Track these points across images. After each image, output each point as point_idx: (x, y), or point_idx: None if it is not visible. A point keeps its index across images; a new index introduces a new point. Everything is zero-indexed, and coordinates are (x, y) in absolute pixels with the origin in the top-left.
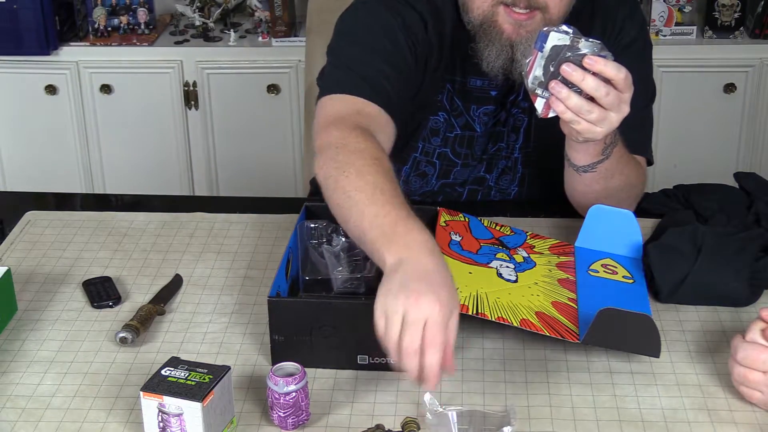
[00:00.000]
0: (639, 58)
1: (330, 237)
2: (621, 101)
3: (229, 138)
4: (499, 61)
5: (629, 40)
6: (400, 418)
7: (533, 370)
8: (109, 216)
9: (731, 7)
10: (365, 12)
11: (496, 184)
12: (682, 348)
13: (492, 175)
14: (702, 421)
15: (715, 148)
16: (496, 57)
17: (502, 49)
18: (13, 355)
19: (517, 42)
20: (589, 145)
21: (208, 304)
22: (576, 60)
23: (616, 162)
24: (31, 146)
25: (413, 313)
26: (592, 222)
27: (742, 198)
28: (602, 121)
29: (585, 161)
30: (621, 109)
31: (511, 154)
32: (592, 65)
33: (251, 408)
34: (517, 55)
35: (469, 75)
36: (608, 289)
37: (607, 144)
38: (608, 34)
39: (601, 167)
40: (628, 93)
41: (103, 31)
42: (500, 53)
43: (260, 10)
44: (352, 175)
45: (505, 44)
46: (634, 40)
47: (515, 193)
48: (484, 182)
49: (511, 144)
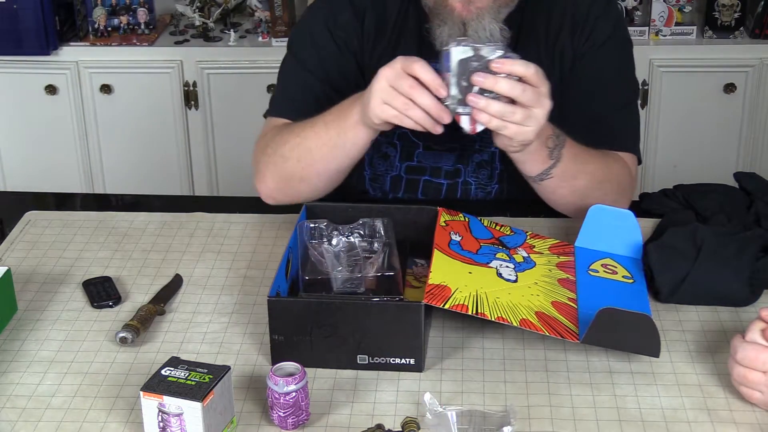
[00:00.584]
0: (616, 55)
1: (330, 237)
2: (540, 95)
3: (229, 138)
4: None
5: (604, 37)
6: (400, 418)
7: (533, 370)
8: (109, 216)
9: (731, 7)
10: (304, 23)
11: (475, 179)
12: (682, 348)
13: (468, 168)
14: (702, 421)
15: (715, 148)
16: (448, 36)
17: (453, 27)
18: (13, 355)
19: (469, 19)
20: (532, 153)
21: (208, 304)
22: (483, 67)
23: (572, 162)
24: (31, 146)
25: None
26: (592, 222)
27: (742, 198)
28: (528, 119)
29: (536, 170)
30: (542, 103)
31: (486, 148)
32: (501, 68)
33: (251, 408)
34: (469, 33)
35: (431, 60)
36: (608, 289)
37: (552, 147)
38: (578, 31)
39: (557, 171)
40: (544, 87)
41: (103, 31)
42: (452, 32)
43: (260, 10)
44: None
45: (457, 22)
46: (609, 38)
47: (496, 190)
48: (459, 174)
49: (486, 138)
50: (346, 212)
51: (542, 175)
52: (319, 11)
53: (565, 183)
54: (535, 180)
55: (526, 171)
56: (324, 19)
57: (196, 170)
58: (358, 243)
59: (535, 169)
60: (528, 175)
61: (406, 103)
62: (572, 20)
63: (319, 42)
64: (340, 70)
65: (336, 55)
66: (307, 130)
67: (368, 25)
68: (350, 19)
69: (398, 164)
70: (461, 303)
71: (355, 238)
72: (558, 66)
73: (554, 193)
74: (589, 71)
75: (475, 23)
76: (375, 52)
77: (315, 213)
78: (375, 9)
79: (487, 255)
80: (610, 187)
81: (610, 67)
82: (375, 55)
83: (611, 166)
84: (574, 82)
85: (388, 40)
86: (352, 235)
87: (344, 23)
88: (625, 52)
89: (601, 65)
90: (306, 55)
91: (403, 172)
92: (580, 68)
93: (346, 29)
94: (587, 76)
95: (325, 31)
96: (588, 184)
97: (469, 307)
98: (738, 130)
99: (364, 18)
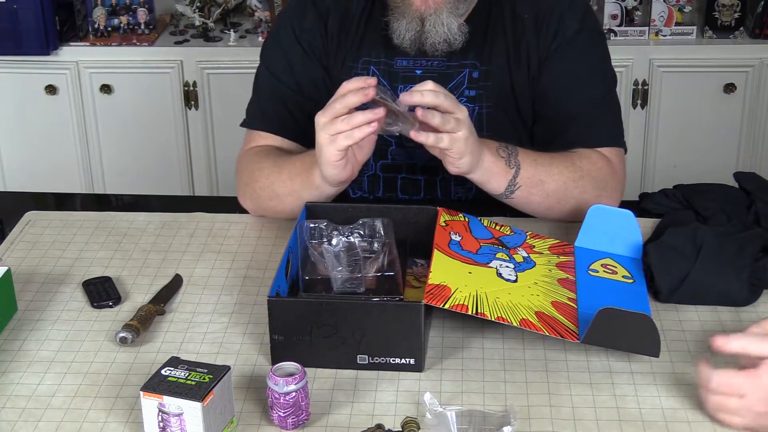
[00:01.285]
0: (587, 49)
1: (330, 237)
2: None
3: (229, 138)
4: (409, 33)
5: (572, 33)
6: (400, 418)
7: (533, 370)
8: (109, 216)
9: (731, 7)
10: (274, 30)
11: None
12: (682, 348)
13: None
14: (702, 421)
15: (715, 148)
16: (405, 30)
17: (411, 21)
18: (13, 355)
19: (426, 14)
20: (489, 168)
21: (208, 304)
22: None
23: (534, 167)
24: (31, 146)
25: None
26: (592, 222)
27: (742, 198)
28: (460, 123)
29: (502, 184)
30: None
31: None
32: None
33: (251, 408)
34: (426, 27)
35: (396, 56)
36: (608, 289)
37: (506, 156)
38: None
39: (521, 180)
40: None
41: (103, 31)
42: (409, 26)
43: (260, 10)
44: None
45: (414, 16)
46: (578, 32)
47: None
48: (437, 171)
49: None
50: (346, 212)
51: (510, 187)
52: (286, 17)
53: (535, 189)
54: (506, 195)
55: (494, 189)
56: (291, 23)
57: (196, 170)
58: (358, 243)
59: (501, 183)
60: (498, 194)
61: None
62: (536, 18)
63: (287, 48)
64: (309, 77)
65: (304, 60)
66: (273, 176)
67: (332, 25)
68: (314, 21)
69: (372, 163)
70: (461, 303)
71: (355, 238)
72: (525, 65)
73: (530, 202)
74: (561, 68)
75: (433, 18)
76: (339, 51)
77: (315, 213)
78: (338, 9)
79: (487, 255)
80: (586, 184)
81: (582, 62)
82: (340, 56)
83: (578, 163)
84: (547, 80)
85: (353, 40)
86: (352, 235)
87: (309, 26)
88: (595, 44)
89: (572, 61)
90: (276, 63)
91: (378, 171)
92: (551, 66)
93: (311, 31)
94: (560, 73)
95: (292, 36)
96: (559, 185)
97: (469, 307)
98: (738, 130)
99: (328, 18)
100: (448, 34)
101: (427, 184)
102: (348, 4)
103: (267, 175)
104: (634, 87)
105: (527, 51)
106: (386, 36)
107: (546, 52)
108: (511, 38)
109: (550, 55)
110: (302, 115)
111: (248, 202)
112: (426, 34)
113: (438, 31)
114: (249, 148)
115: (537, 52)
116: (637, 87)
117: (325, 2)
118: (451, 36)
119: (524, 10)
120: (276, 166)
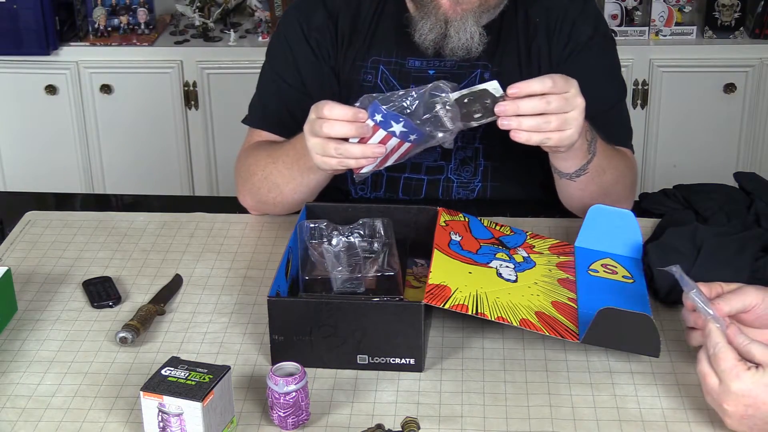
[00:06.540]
0: (601, 53)
1: (330, 237)
2: (567, 99)
3: (229, 138)
4: (432, 34)
5: (585, 38)
6: (400, 418)
7: (533, 370)
8: (109, 216)
9: (731, 7)
10: (280, 28)
11: (458, 176)
12: (682, 348)
13: (451, 165)
14: (702, 421)
15: (715, 148)
16: (429, 30)
17: (436, 23)
18: (13, 355)
19: (453, 19)
20: (576, 150)
21: (208, 304)
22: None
23: (604, 156)
24: (31, 146)
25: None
26: (592, 222)
27: (742, 198)
28: (565, 123)
29: (575, 166)
30: (573, 104)
31: (469, 144)
32: (519, 93)
33: (251, 408)
34: (450, 32)
35: (408, 56)
36: (608, 289)
37: (589, 140)
38: (555, 34)
39: (592, 166)
40: (572, 88)
41: (103, 31)
42: (434, 27)
43: (260, 10)
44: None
45: (440, 19)
46: (591, 37)
47: (479, 188)
48: (442, 171)
49: (468, 134)
50: (346, 212)
51: (579, 171)
52: (293, 15)
53: (596, 179)
54: (572, 177)
55: (566, 168)
56: (299, 21)
57: (196, 170)
58: (358, 243)
59: (575, 165)
60: (565, 173)
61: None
62: (549, 24)
63: (294, 47)
64: (315, 78)
65: (311, 60)
66: (270, 167)
67: (342, 25)
68: (323, 20)
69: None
70: (461, 303)
71: (355, 238)
72: (536, 67)
73: (584, 189)
74: (575, 73)
75: (458, 23)
76: (349, 52)
77: (315, 213)
78: (349, 8)
79: (487, 255)
80: (627, 181)
81: (595, 67)
82: (349, 57)
83: (626, 160)
84: None
85: (363, 40)
86: (352, 235)
87: (317, 24)
88: (608, 50)
89: (585, 67)
90: (281, 62)
91: (383, 169)
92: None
93: (320, 31)
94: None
95: (300, 35)
96: (613, 178)
97: (469, 307)
98: (738, 130)
99: (338, 18)
100: (470, 41)
101: (430, 184)
102: (359, 4)
103: (263, 166)
104: (634, 87)
105: (538, 54)
106: (398, 36)
107: (559, 57)
108: (523, 41)
109: (563, 60)
110: (304, 115)
111: (248, 199)
112: (449, 38)
113: (461, 38)
114: (248, 146)
115: (549, 56)
116: (637, 87)
117: (336, 2)
118: (472, 44)
119: (537, 14)
120: (270, 157)
